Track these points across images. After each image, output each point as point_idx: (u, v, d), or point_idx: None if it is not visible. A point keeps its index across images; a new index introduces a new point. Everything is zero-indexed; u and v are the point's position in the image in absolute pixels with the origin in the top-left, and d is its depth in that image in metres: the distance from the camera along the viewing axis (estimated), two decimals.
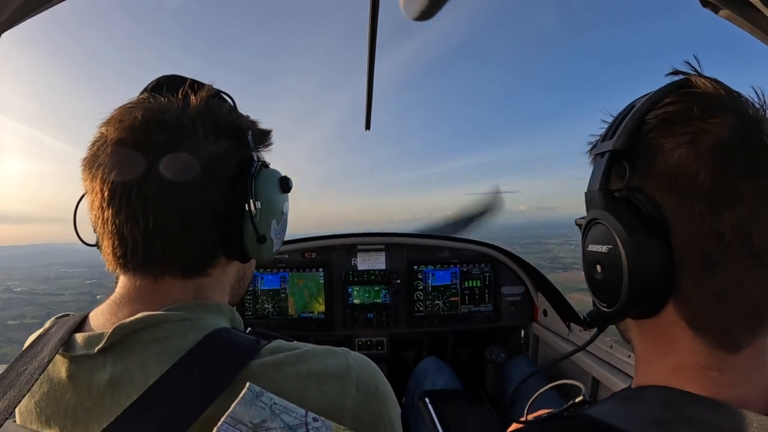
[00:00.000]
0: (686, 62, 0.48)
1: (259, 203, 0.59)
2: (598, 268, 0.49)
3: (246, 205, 0.58)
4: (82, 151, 0.57)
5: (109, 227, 0.53)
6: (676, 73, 0.49)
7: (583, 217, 0.63)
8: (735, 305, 0.43)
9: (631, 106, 0.49)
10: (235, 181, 0.58)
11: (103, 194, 0.53)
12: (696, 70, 0.48)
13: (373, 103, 1.44)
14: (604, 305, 0.49)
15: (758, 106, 0.45)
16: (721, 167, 0.42)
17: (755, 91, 0.46)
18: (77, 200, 0.63)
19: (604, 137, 0.51)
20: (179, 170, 0.53)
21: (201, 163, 0.54)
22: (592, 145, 0.57)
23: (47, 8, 0.73)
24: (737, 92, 0.46)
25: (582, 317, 0.60)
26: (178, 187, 0.53)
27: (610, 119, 0.52)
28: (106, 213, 0.53)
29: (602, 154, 0.49)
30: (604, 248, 0.47)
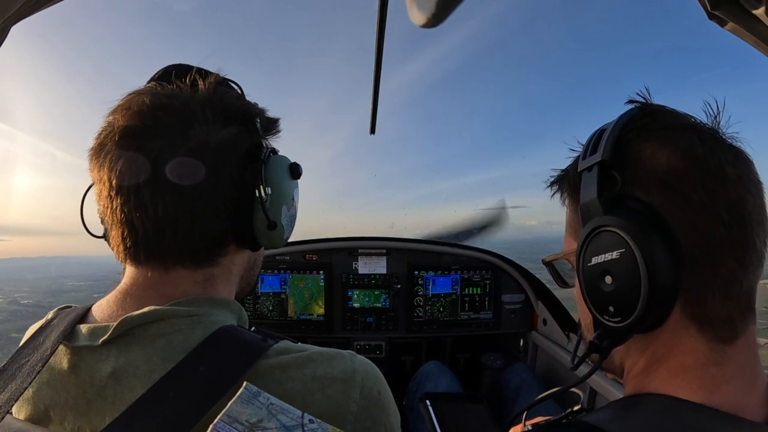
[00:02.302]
0: (638, 93, 0.54)
1: (269, 189, 0.58)
2: (608, 279, 0.48)
3: (256, 191, 0.57)
4: None
5: (118, 216, 0.52)
6: (631, 102, 0.54)
7: (551, 255, 0.64)
8: (740, 291, 0.45)
9: (602, 129, 0.52)
10: (245, 166, 0.57)
11: (111, 183, 0.52)
12: (646, 99, 0.54)
13: (378, 108, 1.45)
14: (617, 319, 0.47)
15: (710, 121, 0.50)
16: (706, 158, 0.46)
17: (708, 106, 0.51)
18: (84, 191, 0.63)
19: (584, 155, 0.52)
20: (189, 155, 0.52)
21: (211, 148, 0.54)
22: (556, 177, 0.60)
23: (58, 1, 0.73)
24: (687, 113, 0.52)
25: (590, 342, 0.57)
26: (188, 173, 0.52)
27: (578, 148, 0.55)
28: (114, 202, 0.52)
29: (589, 168, 0.51)
30: (614, 254, 0.46)
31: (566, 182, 0.58)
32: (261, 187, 0.57)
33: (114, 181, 0.52)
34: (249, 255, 0.65)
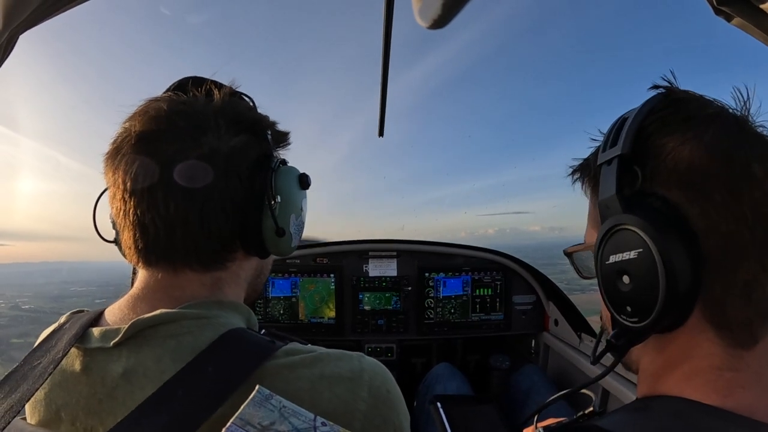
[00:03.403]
0: (663, 77, 0.51)
1: (279, 197, 0.60)
2: (625, 278, 0.47)
3: (266, 197, 0.59)
4: (96, 171, 0.58)
5: (131, 218, 0.54)
6: (655, 87, 0.51)
7: (573, 245, 0.62)
8: (762, 296, 0.43)
9: (624, 117, 0.50)
10: (256, 174, 0.59)
11: (125, 185, 0.53)
12: (671, 83, 0.50)
13: (386, 111, 1.45)
14: (634, 319, 0.47)
15: (739, 108, 0.47)
16: (731, 154, 0.43)
17: (738, 92, 0.48)
18: (97, 196, 0.64)
19: (604, 147, 0.50)
20: (201, 160, 0.54)
21: (223, 153, 0.55)
22: (578, 165, 0.58)
23: (65, 10, 0.73)
24: (715, 99, 0.49)
25: (607, 341, 0.56)
26: (200, 176, 0.54)
27: (600, 137, 0.53)
28: (128, 204, 0.54)
29: (609, 161, 0.49)
30: (632, 254, 0.45)
31: (587, 173, 0.56)
32: (271, 194, 0.59)
33: (128, 183, 0.53)
34: (257, 262, 0.66)
